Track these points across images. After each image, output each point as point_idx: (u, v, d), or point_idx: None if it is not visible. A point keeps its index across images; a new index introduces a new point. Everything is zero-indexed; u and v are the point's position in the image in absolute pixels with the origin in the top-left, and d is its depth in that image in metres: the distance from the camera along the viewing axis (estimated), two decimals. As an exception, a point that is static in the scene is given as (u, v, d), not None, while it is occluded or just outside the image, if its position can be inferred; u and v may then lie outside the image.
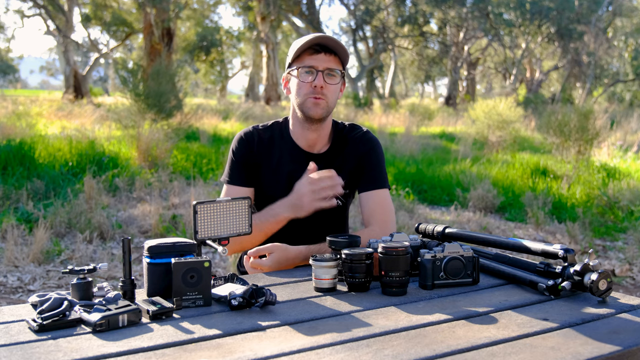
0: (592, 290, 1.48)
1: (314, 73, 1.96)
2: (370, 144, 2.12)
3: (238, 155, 2.09)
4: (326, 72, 1.96)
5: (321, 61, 1.95)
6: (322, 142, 2.10)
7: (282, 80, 2.09)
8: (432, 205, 7.31)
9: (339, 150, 2.11)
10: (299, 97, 1.99)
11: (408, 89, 59.37)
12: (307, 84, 1.97)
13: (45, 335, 1.26)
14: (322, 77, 1.95)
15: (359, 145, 2.11)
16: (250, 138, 2.09)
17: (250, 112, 18.63)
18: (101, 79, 59.76)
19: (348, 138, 2.12)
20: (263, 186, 2.09)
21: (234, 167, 2.10)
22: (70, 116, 15.36)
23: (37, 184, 6.60)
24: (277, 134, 2.11)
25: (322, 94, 1.96)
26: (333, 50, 1.97)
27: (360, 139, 2.12)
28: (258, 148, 2.08)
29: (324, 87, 1.96)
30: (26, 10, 31.90)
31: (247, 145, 2.08)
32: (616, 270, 4.74)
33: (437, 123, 19.76)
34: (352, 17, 32.05)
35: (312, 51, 1.96)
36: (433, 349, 1.20)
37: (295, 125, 2.08)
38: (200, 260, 1.46)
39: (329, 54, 1.96)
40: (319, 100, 1.96)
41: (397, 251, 1.55)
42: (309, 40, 1.94)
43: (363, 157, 2.10)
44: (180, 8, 22.22)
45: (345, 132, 2.13)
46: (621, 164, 9.55)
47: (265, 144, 2.09)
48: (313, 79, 1.95)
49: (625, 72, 33.34)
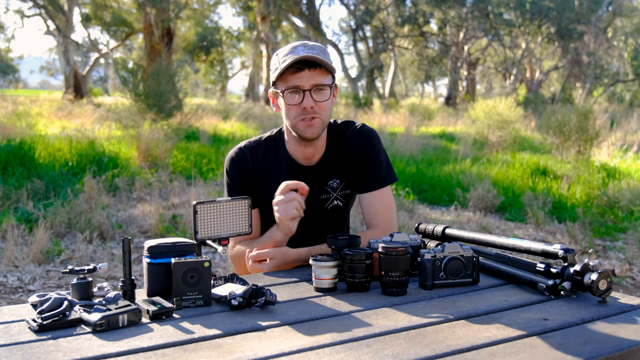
0: (592, 290, 1.48)
1: (300, 93, 1.83)
2: (369, 139, 2.02)
3: (233, 178, 2.02)
4: (314, 90, 1.84)
5: (306, 78, 1.82)
6: (320, 152, 2.01)
7: (269, 96, 1.97)
8: (432, 205, 7.31)
9: (336, 152, 2.03)
10: (290, 120, 1.89)
11: (408, 89, 59.36)
12: (295, 106, 1.85)
13: (45, 335, 1.26)
14: (310, 96, 1.83)
15: (358, 141, 2.02)
16: (242, 159, 2.00)
17: (250, 112, 18.63)
18: (101, 79, 59.76)
19: (345, 137, 2.03)
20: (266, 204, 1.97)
21: (231, 187, 2.03)
22: (70, 116, 15.36)
23: (37, 184, 6.61)
24: (272, 150, 2.02)
25: (314, 112, 1.85)
26: (317, 63, 1.83)
27: (357, 135, 2.02)
28: (253, 168, 2.00)
29: (315, 106, 1.84)
30: (26, 10, 31.90)
31: (240, 166, 2.01)
32: (616, 270, 4.74)
33: (437, 123, 19.76)
34: (352, 17, 32.05)
35: (294, 69, 1.82)
36: (433, 349, 1.20)
37: (291, 142, 2.00)
38: (200, 260, 1.46)
39: (313, 69, 1.82)
40: (312, 121, 1.86)
41: (397, 251, 1.55)
42: (288, 61, 1.81)
43: (363, 156, 2.02)
44: (180, 8, 22.22)
45: (340, 131, 2.04)
46: (621, 164, 9.55)
47: (260, 162, 2.00)
48: (301, 99, 1.83)
49: (625, 72, 33.34)
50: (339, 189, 2.05)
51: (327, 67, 1.85)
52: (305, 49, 1.85)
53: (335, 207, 2.05)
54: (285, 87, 1.85)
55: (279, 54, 1.88)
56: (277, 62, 1.88)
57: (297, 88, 1.84)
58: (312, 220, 1.98)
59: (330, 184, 2.04)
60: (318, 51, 1.85)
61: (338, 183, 2.04)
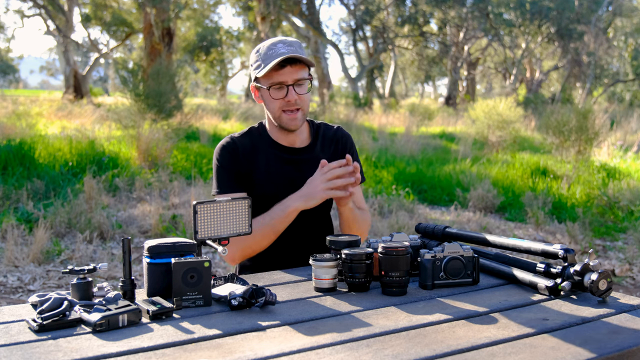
0: (592, 290, 1.48)
1: (284, 88, 1.98)
2: (350, 140, 2.22)
3: (225, 164, 2.07)
4: (296, 84, 1.98)
5: (289, 74, 1.97)
6: (301, 137, 2.14)
7: (251, 89, 2.09)
8: (432, 205, 7.31)
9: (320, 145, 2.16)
10: (274, 112, 2.03)
11: (408, 89, 59.34)
12: (280, 100, 2.00)
13: (45, 335, 1.26)
14: (294, 90, 1.98)
15: (339, 141, 2.19)
16: (232, 147, 2.08)
17: (250, 112, 18.62)
18: (101, 79, 59.75)
19: (325, 135, 2.18)
20: (258, 190, 2.06)
21: (223, 176, 2.07)
22: (70, 116, 15.36)
23: (37, 184, 6.61)
24: (257, 138, 2.12)
25: (297, 104, 2.00)
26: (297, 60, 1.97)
27: (335, 134, 2.19)
28: (243, 156, 2.08)
29: (297, 98, 1.99)
30: (26, 10, 31.90)
31: (232, 153, 2.07)
32: (616, 270, 4.74)
33: (437, 123, 19.76)
34: (352, 17, 32.05)
35: (277, 67, 1.96)
36: (433, 349, 1.20)
37: (273, 130, 2.12)
38: (200, 260, 1.46)
39: (294, 65, 1.97)
40: (295, 114, 2.01)
41: (397, 251, 1.55)
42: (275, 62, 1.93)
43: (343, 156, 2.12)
44: (180, 8, 22.22)
45: (323, 129, 2.19)
46: (621, 164, 9.55)
47: (249, 150, 2.09)
48: (285, 94, 1.98)
49: (625, 72, 33.33)
50: None
51: (306, 62, 1.99)
52: (285, 46, 1.98)
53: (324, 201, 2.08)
54: (269, 84, 1.99)
55: (260, 51, 2.01)
56: (257, 58, 2.01)
57: (281, 84, 1.98)
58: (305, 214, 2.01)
59: None
60: (297, 47, 1.99)
61: None
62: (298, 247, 2.07)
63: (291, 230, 2.03)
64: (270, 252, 2.07)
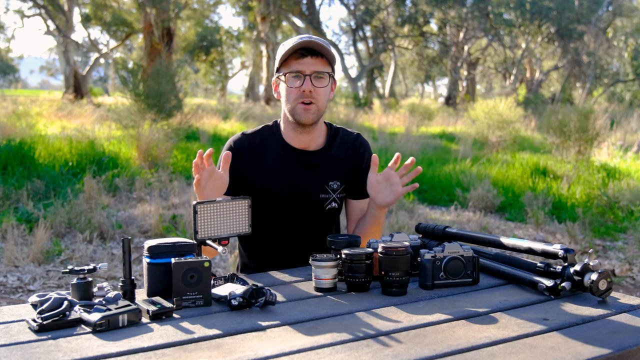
0: (592, 290, 1.48)
1: (301, 77, 1.94)
2: (368, 150, 2.16)
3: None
4: (314, 75, 1.95)
5: (308, 65, 1.94)
6: (316, 142, 2.08)
7: (272, 84, 2.07)
8: (432, 205, 7.31)
9: (336, 150, 2.10)
10: (289, 103, 1.98)
11: (408, 89, 59.33)
12: (295, 89, 1.95)
13: (45, 335, 1.26)
14: (310, 81, 1.94)
15: (360, 149, 2.14)
16: (240, 147, 2.05)
17: (250, 112, 18.62)
18: (101, 79, 59.72)
19: (343, 140, 2.13)
20: (261, 190, 2.04)
21: None
22: (70, 116, 15.35)
23: (37, 184, 6.60)
24: (268, 136, 2.08)
25: (312, 97, 1.95)
26: (319, 53, 1.95)
27: (355, 141, 2.14)
28: (250, 155, 2.05)
29: (313, 91, 1.95)
30: (26, 10, 31.88)
31: (238, 154, 2.04)
32: (616, 270, 4.74)
33: (437, 123, 19.75)
34: (352, 17, 32.04)
35: (298, 55, 1.94)
36: (433, 349, 1.20)
37: (287, 129, 2.07)
38: (200, 260, 1.46)
39: (315, 57, 1.95)
40: (309, 106, 1.96)
41: (397, 251, 1.55)
42: (293, 45, 1.93)
43: (359, 165, 2.12)
44: (180, 8, 22.22)
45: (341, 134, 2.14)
46: (621, 164, 9.55)
47: (257, 149, 2.06)
48: (301, 83, 1.94)
49: (625, 72, 33.32)
50: (338, 191, 2.09)
51: (328, 57, 1.97)
52: (311, 38, 1.96)
53: (332, 209, 2.09)
54: (287, 71, 1.96)
55: (285, 44, 1.98)
56: (282, 50, 1.98)
57: (299, 73, 1.95)
58: (309, 219, 2.01)
59: (331, 185, 2.08)
60: (322, 42, 1.96)
61: (338, 185, 2.09)
62: (298, 247, 2.07)
63: (292, 231, 2.03)
64: (270, 252, 2.07)
